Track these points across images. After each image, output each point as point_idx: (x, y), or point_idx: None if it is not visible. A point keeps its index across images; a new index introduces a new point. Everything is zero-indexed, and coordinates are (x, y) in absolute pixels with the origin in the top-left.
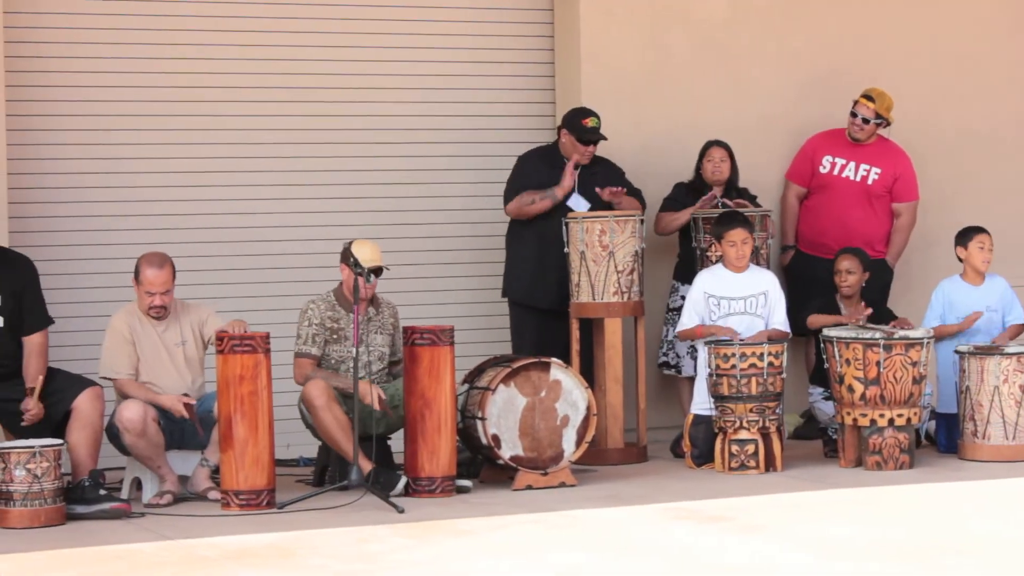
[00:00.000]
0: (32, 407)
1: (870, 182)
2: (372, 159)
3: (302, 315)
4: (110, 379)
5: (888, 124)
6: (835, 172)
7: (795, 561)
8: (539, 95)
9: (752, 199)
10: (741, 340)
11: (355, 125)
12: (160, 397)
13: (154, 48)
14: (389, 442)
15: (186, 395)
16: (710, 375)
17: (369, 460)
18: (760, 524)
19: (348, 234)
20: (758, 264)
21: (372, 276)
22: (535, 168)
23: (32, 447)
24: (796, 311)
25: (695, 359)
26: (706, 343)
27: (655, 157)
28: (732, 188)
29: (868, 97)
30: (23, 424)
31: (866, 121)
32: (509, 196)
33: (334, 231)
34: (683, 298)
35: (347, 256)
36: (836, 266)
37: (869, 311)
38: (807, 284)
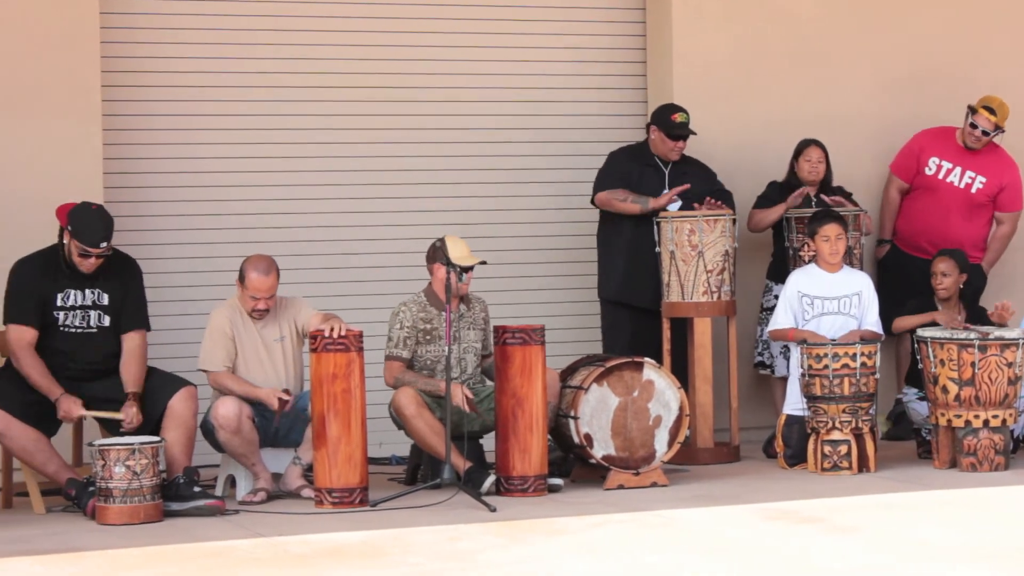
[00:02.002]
0: (132, 416)
1: (973, 191)
2: (465, 158)
3: (393, 318)
4: (207, 371)
5: (1003, 132)
6: (940, 176)
7: (888, 562)
8: (631, 94)
9: (848, 196)
10: (834, 340)
11: (448, 124)
12: (257, 390)
13: (249, 48)
14: (481, 442)
15: (286, 390)
16: (803, 375)
17: (463, 458)
18: (853, 525)
19: (440, 232)
20: (851, 264)
21: (464, 274)
22: (625, 165)
23: (131, 444)
24: (887, 307)
25: (787, 359)
26: (799, 343)
27: (746, 155)
28: (826, 187)
29: (989, 109)
30: (121, 431)
31: (985, 133)
32: (599, 187)
33: (426, 230)
34: (776, 298)
35: (438, 254)
36: (932, 268)
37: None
38: (899, 281)
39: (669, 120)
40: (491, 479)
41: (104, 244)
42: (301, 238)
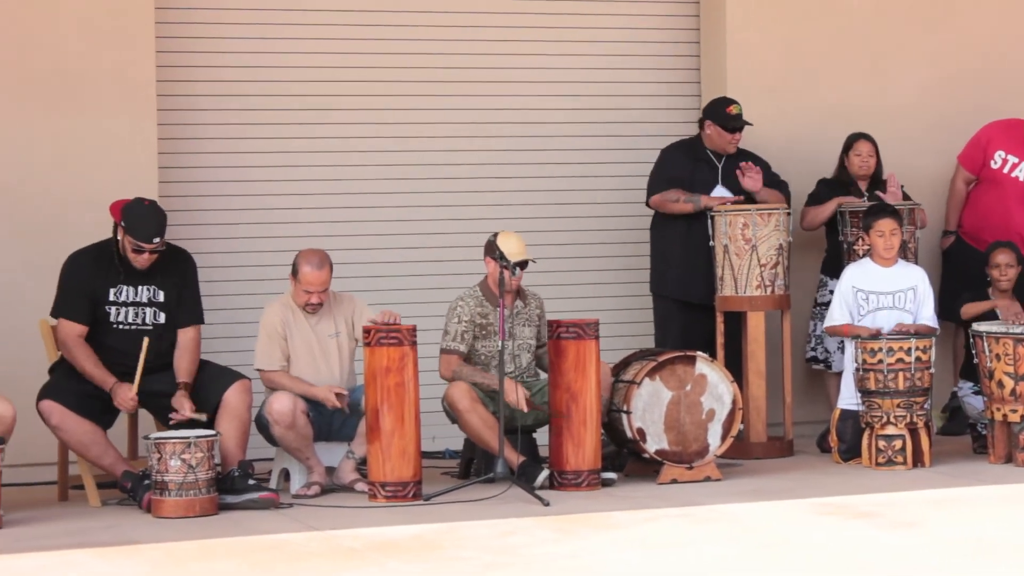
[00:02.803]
0: (185, 407)
1: None
2: (519, 152)
3: (451, 311)
4: (263, 371)
5: None
6: (1004, 170)
7: (942, 558)
8: (684, 88)
9: (901, 190)
10: (888, 335)
11: (502, 119)
12: (313, 389)
13: (303, 43)
14: (535, 436)
15: (339, 388)
16: (857, 370)
17: (516, 453)
18: (908, 520)
19: (494, 228)
20: (906, 258)
21: (518, 269)
22: (678, 161)
23: (187, 438)
24: (949, 299)
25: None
26: (853, 338)
27: (801, 148)
28: (876, 182)
29: None
30: (171, 424)
31: None
32: (652, 189)
33: (481, 224)
34: (831, 292)
35: (492, 249)
36: (992, 259)
37: None
38: (961, 273)
39: (724, 113)
40: (544, 473)
41: (157, 240)
42: (355, 232)
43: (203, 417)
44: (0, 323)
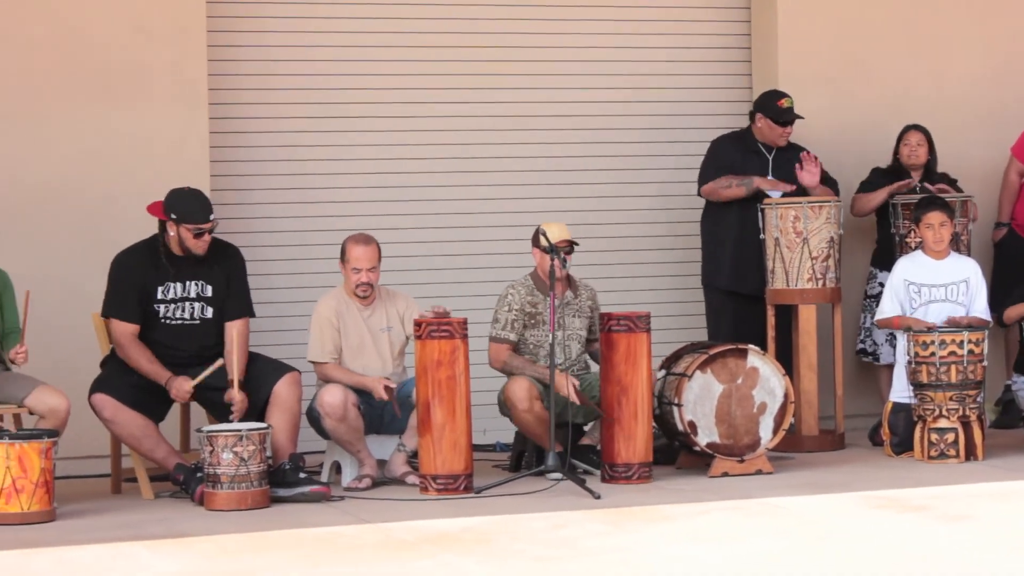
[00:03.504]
0: (238, 400)
1: None
2: (569, 145)
3: (501, 300)
4: (315, 363)
5: None
6: None
7: (995, 551)
8: (735, 80)
9: (952, 183)
10: (940, 328)
11: (552, 111)
12: (363, 379)
13: (353, 36)
14: (586, 429)
15: (388, 379)
16: (909, 363)
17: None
18: (960, 514)
19: (543, 219)
20: (958, 251)
21: (566, 258)
22: (728, 152)
23: (239, 431)
24: (1002, 292)
25: (893, 347)
26: (905, 331)
27: (853, 140)
28: (931, 173)
29: None
30: (231, 419)
31: None
32: (703, 179)
33: (531, 217)
34: (881, 285)
35: (537, 239)
36: None
37: None
38: (1014, 265)
39: (775, 106)
40: (597, 467)
41: (212, 217)
42: (405, 225)
43: (221, 362)
44: (53, 317)
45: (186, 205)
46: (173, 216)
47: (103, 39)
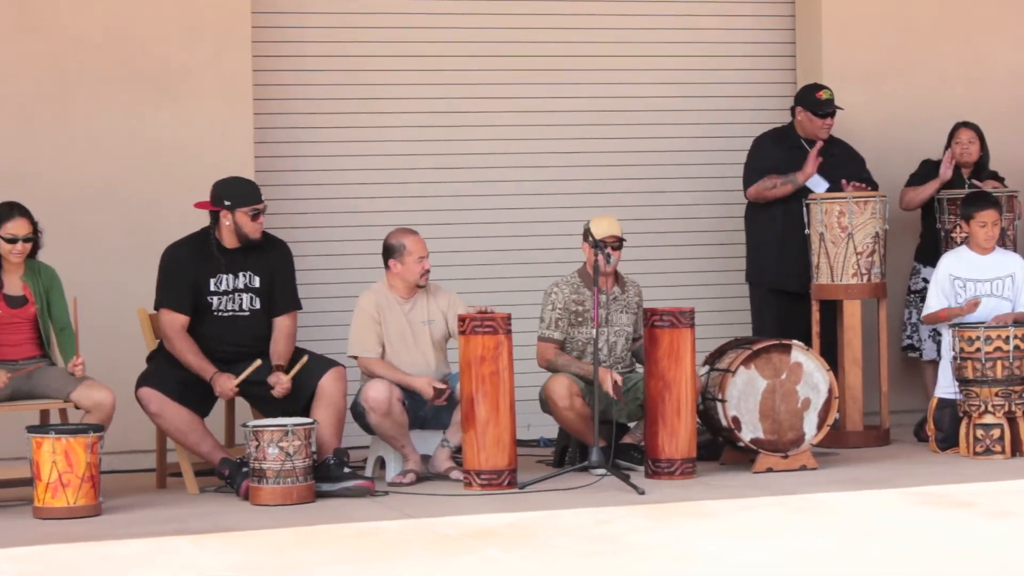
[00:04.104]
0: (283, 381)
1: None
2: (614, 141)
3: (546, 298)
4: (357, 358)
5: None
6: None
7: None
8: (780, 75)
9: (1000, 180)
10: (986, 324)
11: (598, 107)
12: (411, 379)
13: (399, 32)
14: (631, 426)
15: (444, 380)
16: (954, 358)
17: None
18: (1006, 510)
19: (589, 216)
20: (1004, 246)
21: (611, 254)
22: (770, 151)
23: (284, 425)
24: None
25: (937, 342)
26: (950, 326)
27: (897, 134)
28: (982, 170)
29: None
30: (273, 394)
31: None
32: (748, 180)
33: (576, 213)
34: (925, 280)
35: (586, 234)
36: None
37: None
38: None
39: (814, 98)
40: (639, 463)
41: (262, 197)
42: (451, 221)
43: (258, 363)
44: (100, 311)
45: (238, 189)
46: (227, 203)
47: (149, 36)
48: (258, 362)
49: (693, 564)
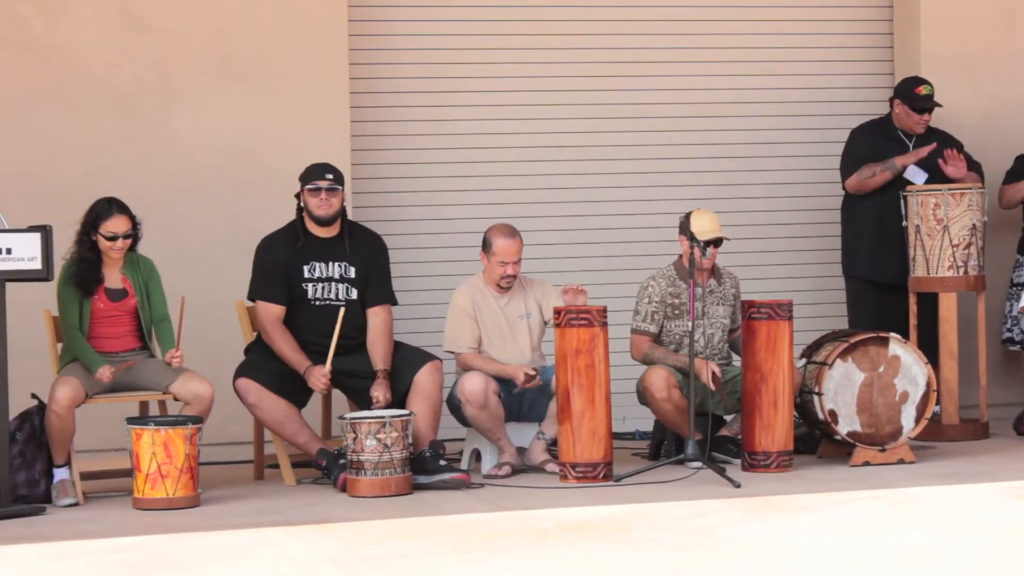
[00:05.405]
0: (381, 399)
1: None
2: (710, 132)
3: (642, 291)
4: (454, 353)
5: None
6: None
7: None
8: (877, 66)
9: None
10: None
11: (695, 99)
12: (504, 367)
13: (493, 25)
14: (728, 419)
15: (535, 368)
16: None
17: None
18: None
19: (686, 208)
20: None
21: (708, 249)
22: (868, 141)
23: (382, 417)
24: None
25: None
26: None
27: (997, 126)
28: None
29: None
30: (375, 406)
31: None
32: (846, 171)
33: (672, 205)
34: None
35: (684, 228)
36: None
37: None
38: None
39: (913, 93)
40: (735, 456)
41: (330, 176)
42: (546, 213)
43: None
44: (198, 304)
45: (306, 171)
46: (301, 186)
47: (247, 29)
48: (342, 310)
49: (789, 558)
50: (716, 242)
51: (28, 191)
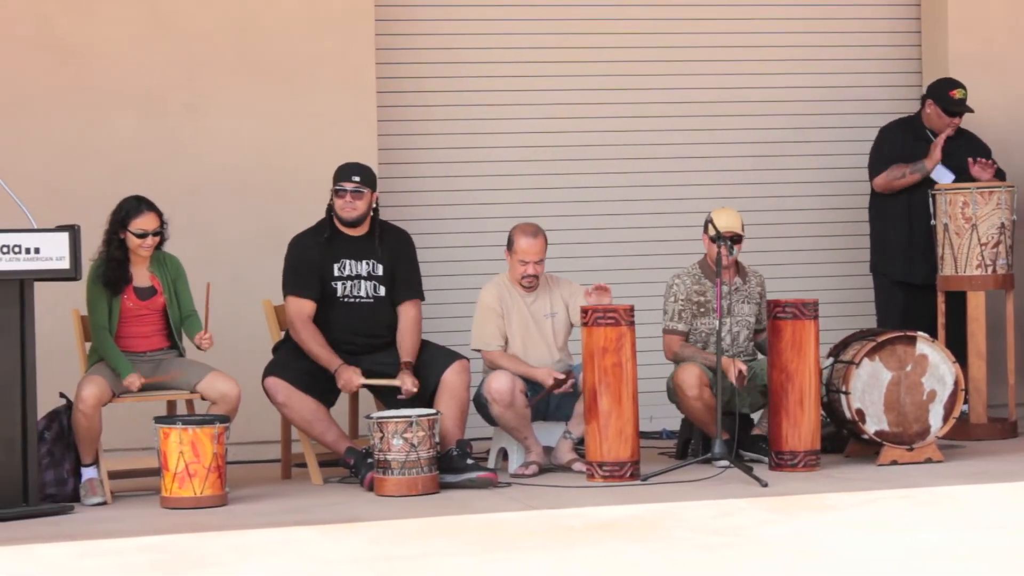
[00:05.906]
0: (408, 384)
1: None
2: (737, 131)
3: (668, 290)
4: (481, 351)
5: None
6: None
7: None
8: (905, 64)
9: None
10: None
11: (720, 97)
12: (532, 369)
13: (521, 23)
14: (755, 418)
15: (568, 371)
16: None
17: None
18: None
19: (712, 207)
20: None
21: (733, 247)
22: (897, 140)
23: (409, 416)
24: None
25: None
26: None
27: None
28: None
29: None
30: (399, 398)
31: None
32: (875, 170)
33: (698, 204)
34: None
35: (707, 226)
36: None
37: None
38: None
39: (947, 96)
40: (761, 455)
41: (357, 178)
42: (572, 212)
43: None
44: (225, 303)
45: (337, 171)
46: (332, 187)
47: (275, 28)
48: (397, 382)
49: (816, 557)
50: (735, 239)
51: (54, 191)
